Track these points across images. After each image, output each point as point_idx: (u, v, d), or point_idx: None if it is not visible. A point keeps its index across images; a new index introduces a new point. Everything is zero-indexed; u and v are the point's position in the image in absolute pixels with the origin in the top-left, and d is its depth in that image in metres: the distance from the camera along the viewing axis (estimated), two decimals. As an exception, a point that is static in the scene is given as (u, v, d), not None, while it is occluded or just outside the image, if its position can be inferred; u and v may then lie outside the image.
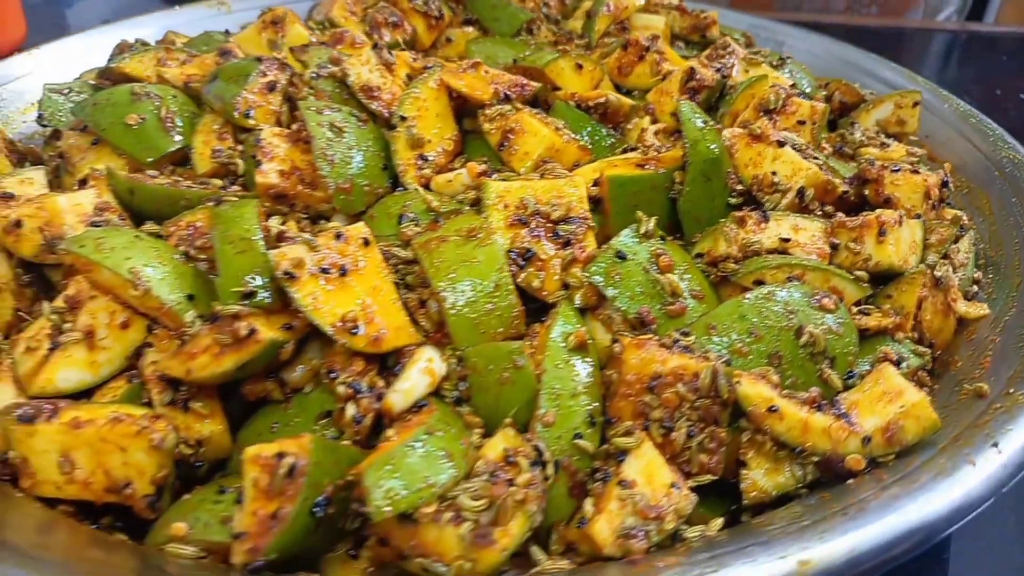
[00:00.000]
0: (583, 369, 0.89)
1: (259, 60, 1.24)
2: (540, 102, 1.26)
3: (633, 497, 0.79)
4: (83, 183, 1.18)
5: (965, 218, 1.20)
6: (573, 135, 1.17)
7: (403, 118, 1.10)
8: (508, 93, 1.18)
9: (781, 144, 1.09)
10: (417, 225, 1.00)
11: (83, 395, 0.94)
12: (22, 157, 1.35)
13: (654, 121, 1.25)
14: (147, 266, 0.92)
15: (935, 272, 1.06)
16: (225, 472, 0.93)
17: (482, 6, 1.60)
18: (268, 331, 0.86)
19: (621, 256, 0.95)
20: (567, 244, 0.98)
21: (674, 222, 1.08)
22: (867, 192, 1.15)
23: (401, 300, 0.93)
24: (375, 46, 1.23)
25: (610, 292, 0.94)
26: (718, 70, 1.29)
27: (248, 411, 0.95)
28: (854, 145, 1.34)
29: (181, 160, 1.21)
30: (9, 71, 1.63)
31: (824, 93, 1.53)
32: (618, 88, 1.39)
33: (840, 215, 1.09)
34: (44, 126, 1.34)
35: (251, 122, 1.18)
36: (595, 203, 1.05)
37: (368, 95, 1.14)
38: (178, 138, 1.21)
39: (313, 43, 1.35)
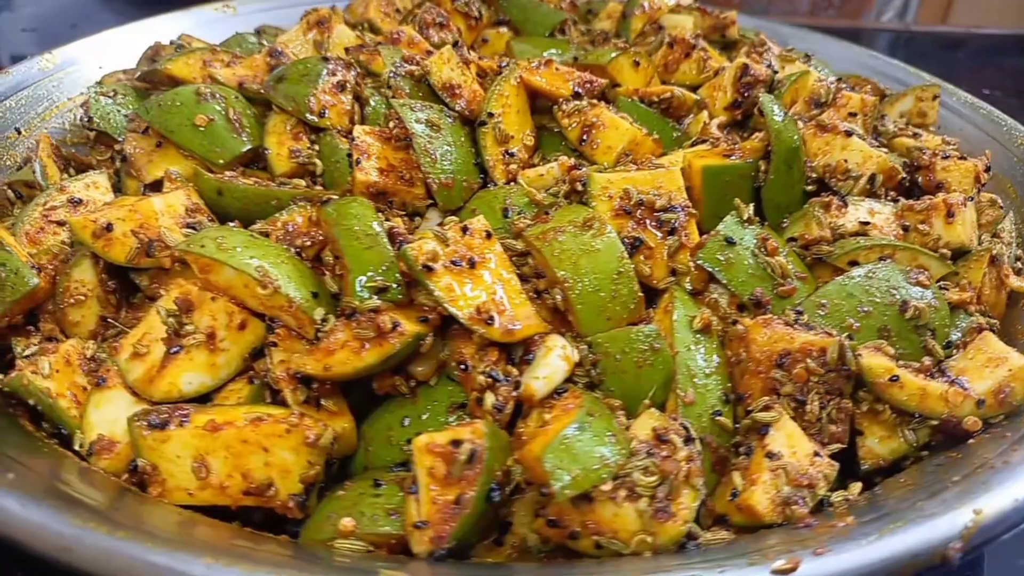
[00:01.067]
0: (711, 350, 0.92)
1: (326, 60, 1.23)
2: (601, 98, 1.30)
3: (784, 467, 0.82)
4: (154, 186, 1.16)
5: (1000, 201, 1.29)
6: (646, 129, 1.20)
7: (491, 115, 1.11)
8: (579, 89, 1.21)
9: (849, 134, 1.16)
10: (524, 218, 1.02)
11: (199, 400, 0.92)
12: (66, 163, 1.30)
13: (711, 116, 1.30)
14: (273, 265, 0.90)
15: (992, 250, 1.14)
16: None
17: (515, 7, 1.62)
18: (411, 324, 0.87)
19: (730, 241, 0.99)
20: (672, 232, 1.01)
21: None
22: (919, 178, 1.22)
23: (522, 290, 0.95)
24: (455, 44, 1.24)
25: (723, 276, 0.98)
26: (768, 66, 1.35)
27: (362, 407, 0.95)
28: (888, 136, 1.42)
29: (247, 161, 1.19)
30: (22, 78, 1.56)
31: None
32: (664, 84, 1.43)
33: (902, 200, 1.16)
34: (92, 130, 1.29)
35: (326, 121, 1.18)
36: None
37: (450, 93, 1.15)
38: (247, 139, 1.19)
39: (368, 44, 1.34)
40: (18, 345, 0.97)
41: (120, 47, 1.76)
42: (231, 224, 1.05)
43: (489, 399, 0.87)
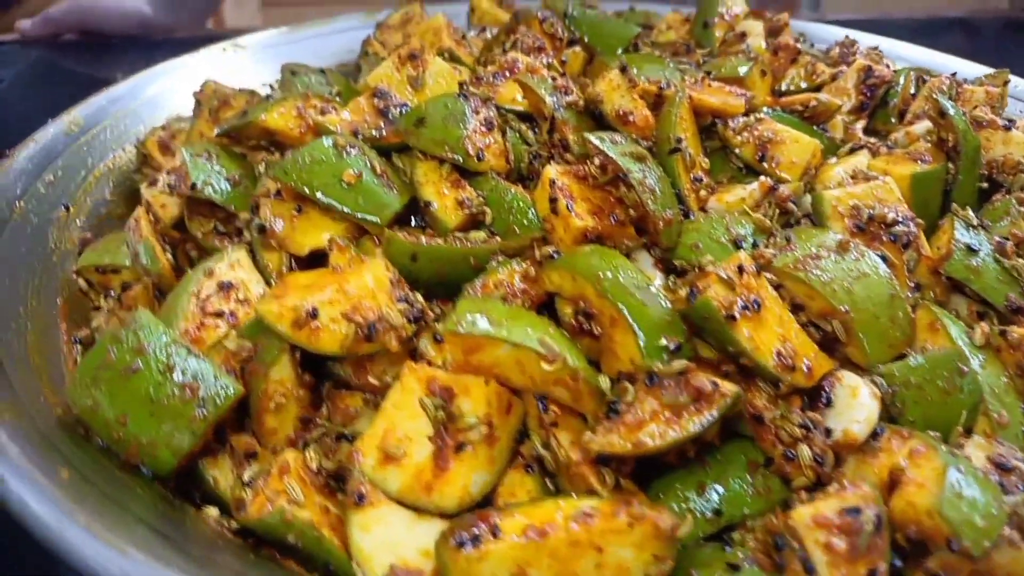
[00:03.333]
0: (995, 364, 0.89)
1: (464, 96, 1.12)
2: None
3: None
4: (307, 260, 1.01)
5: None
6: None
7: (679, 140, 1.03)
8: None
9: (1007, 127, 1.16)
10: (759, 247, 0.95)
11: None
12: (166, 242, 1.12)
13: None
14: (550, 337, 0.79)
15: None
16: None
17: (585, 24, 1.54)
18: (727, 383, 0.78)
19: (972, 249, 0.96)
20: (906, 245, 0.97)
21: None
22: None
23: (789, 327, 0.88)
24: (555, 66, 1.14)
25: (975, 285, 0.94)
26: (887, 64, 1.34)
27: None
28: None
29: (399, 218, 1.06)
30: (49, 146, 1.34)
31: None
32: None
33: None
34: (198, 199, 1.11)
35: (486, 164, 1.06)
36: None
37: (623, 121, 1.06)
38: (398, 192, 1.06)
39: (484, 76, 1.23)
40: (234, 471, 0.81)
41: (138, 100, 1.56)
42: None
43: (804, 452, 0.80)
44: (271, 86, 1.79)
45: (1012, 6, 3.42)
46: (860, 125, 1.26)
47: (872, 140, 1.21)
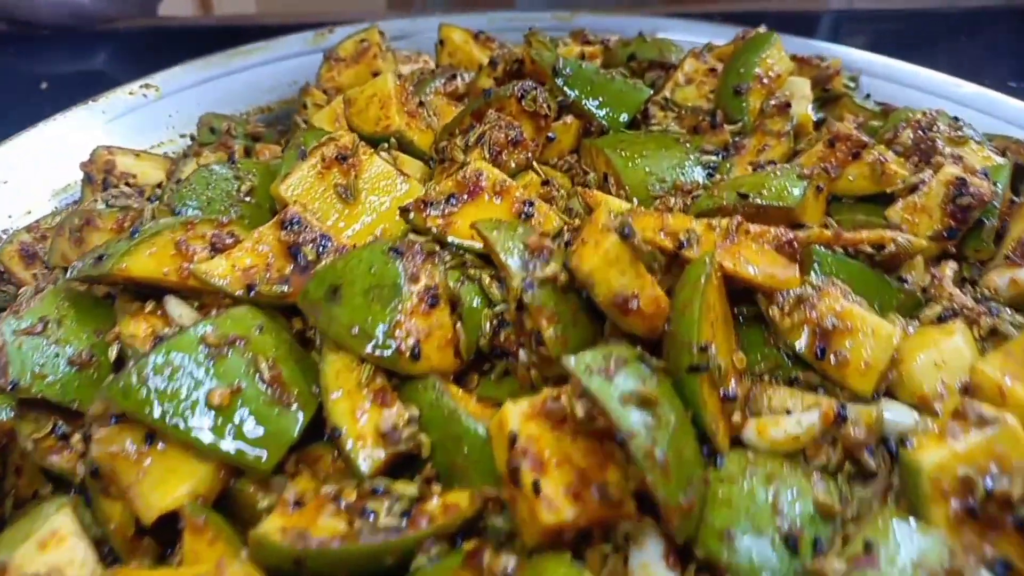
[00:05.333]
0: None
1: (397, 252, 0.78)
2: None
3: None
4: (156, 530, 0.69)
5: None
6: (876, 309, 0.83)
7: (704, 349, 0.70)
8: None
9: None
10: (822, 549, 0.63)
11: None
12: None
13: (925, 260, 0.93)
14: None
15: None
16: None
17: (581, 81, 1.18)
18: None
19: None
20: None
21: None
22: None
23: None
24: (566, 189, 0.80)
25: None
26: (984, 175, 0.98)
27: None
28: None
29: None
30: None
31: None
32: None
33: None
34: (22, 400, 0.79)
35: (424, 364, 0.74)
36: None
37: (624, 310, 0.73)
38: (297, 409, 0.73)
39: (434, 200, 0.89)
40: None
41: (15, 165, 1.24)
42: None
43: None
44: (192, 136, 1.45)
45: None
46: (951, 272, 0.92)
47: (968, 303, 0.87)
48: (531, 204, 0.90)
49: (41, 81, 2.08)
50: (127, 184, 1.21)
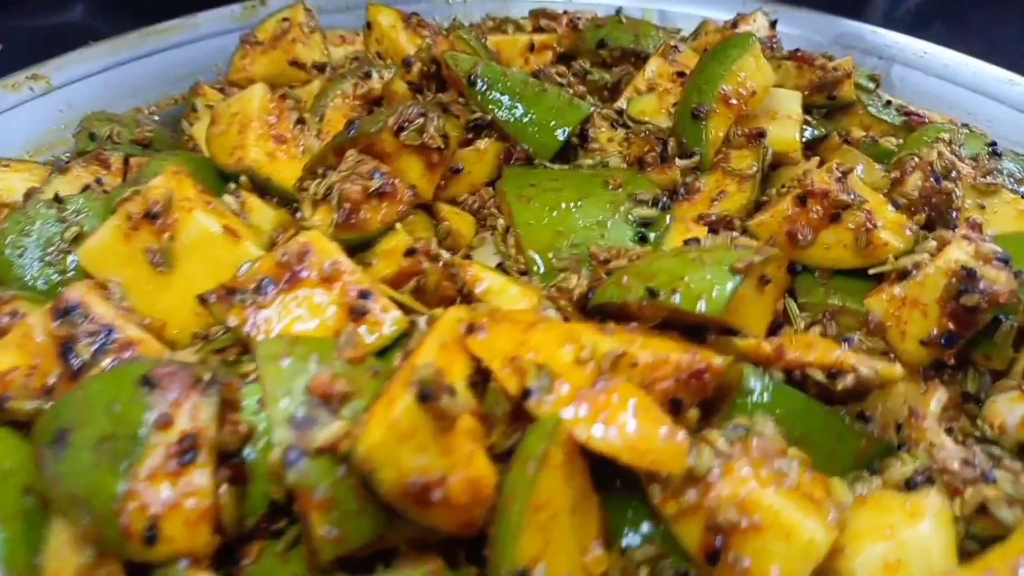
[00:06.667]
0: None
1: (148, 383, 0.58)
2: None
3: None
4: None
5: None
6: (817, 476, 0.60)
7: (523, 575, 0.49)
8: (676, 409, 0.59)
9: None
10: None
11: None
12: None
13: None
14: None
15: None
16: None
17: (506, 98, 0.94)
18: None
19: None
20: None
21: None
22: None
23: None
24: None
25: None
26: (1003, 260, 0.71)
27: None
28: None
29: None
30: None
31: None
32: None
33: None
34: None
35: (165, 549, 0.55)
36: None
37: (421, 501, 0.51)
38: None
39: (244, 294, 0.68)
40: None
41: None
42: None
43: None
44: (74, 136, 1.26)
45: None
46: (936, 407, 0.67)
47: (954, 464, 0.62)
48: (368, 296, 0.68)
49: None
50: (-27, 208, 1.03)
